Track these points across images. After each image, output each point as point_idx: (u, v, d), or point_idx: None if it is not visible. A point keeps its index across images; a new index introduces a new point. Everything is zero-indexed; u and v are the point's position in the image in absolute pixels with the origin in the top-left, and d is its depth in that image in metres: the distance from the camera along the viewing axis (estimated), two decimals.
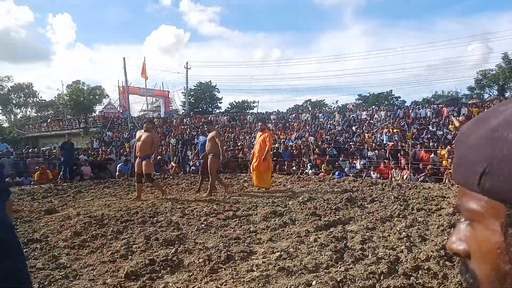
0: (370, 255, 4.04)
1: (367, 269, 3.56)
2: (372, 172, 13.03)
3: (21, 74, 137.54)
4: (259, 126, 9.96)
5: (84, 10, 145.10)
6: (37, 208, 7.49)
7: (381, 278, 3.39)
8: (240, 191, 9.47)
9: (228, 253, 4.18)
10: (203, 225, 5.59)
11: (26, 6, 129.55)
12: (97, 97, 46.85)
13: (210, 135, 8.80)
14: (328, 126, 27.77)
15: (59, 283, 3.56)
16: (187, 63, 51.58)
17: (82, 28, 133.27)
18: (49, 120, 48.92)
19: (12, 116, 59.95)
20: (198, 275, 3.66)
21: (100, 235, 5.17)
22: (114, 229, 5.43)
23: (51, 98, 60.74)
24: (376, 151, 15.09)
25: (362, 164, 13.94)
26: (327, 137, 21.21)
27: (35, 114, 59.22)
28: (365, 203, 7.28)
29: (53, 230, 5.56)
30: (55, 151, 17.57)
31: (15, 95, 59.69)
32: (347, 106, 40.88)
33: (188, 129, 31.20)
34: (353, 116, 30.12)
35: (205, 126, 9.88)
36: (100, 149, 19.42)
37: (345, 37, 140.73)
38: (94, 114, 45.70)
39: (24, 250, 4.55)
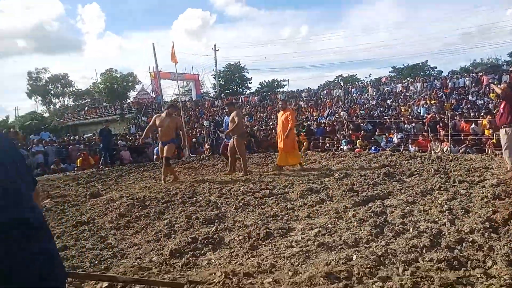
0: (411, 229, 3.98)
1: (409, 242, 3.52)
2: (410, 146, 12.72)
3: (57, 65, 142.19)
4: (280, 105, 9.91)
5: None
6: (82, 192, 7.85)
7: (424, 251, 3.35)
8: (275, 170, 9.51)
9: (267, 230, 4.25)
10: (240, 204, 5.69)
11: None
12: (130, 83, 47.99)
13: (232, 116, 8.88)
14: (362, 101, 27.20)
15: (109, 262, 3.75)
16: (215, 45, 51.73)
17: (110, 17, 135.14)
18: (86, 108, 50.62)
19: (52, 106, 62.40)
20: (239, 252, 3.75)
21: (143, 216, 5.37)
22: (156, 209, 5.63)
23: (86, 87, 62.71)
24: (414, 124, 14.68)
25: (399, 138, 13.62)
26: (361, 112, 20.79)
27: (73, 103, 61.38)
28: (404, 177, 7.14)
29: (99, 213, 5.82)
30: (94, 137, 18.24)
31: (53, 86, 61.94)
32: (381, 80, 39.72)
33: (220, 111, 31.43)
34: (387, 89, 29.30)
35: (226, 108, 10.04)
36: (137, 134, 19.92)
37: (375, 9, 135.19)
38: (129, 101, 46.86)
39: (74, 232, 4.83)
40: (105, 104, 47.43)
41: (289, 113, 9.19)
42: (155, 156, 14.61)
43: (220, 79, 54.08)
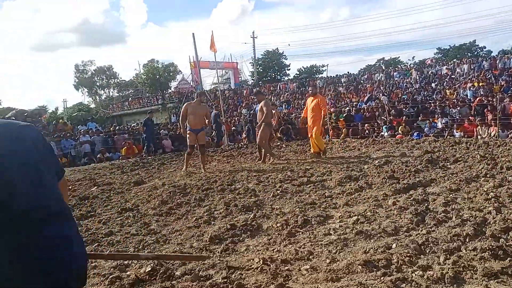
0: (454, 217, 3.85)
1: (451, 231, 3.42)
2: (455, 131, 12.20)
3: (102, 57, 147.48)
4: (310, 91, 9.78)
5: None
6: (127, 180, 8.17)
7: (467, 240, 3.24)
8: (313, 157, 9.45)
9: (304, 217, 4.26)
10: (278, 191, 5.72)
11: None
12: (171, 74, 48.91)
13: (260, 105, 8.90)
14: (405, 84, 26.26)
15: (152, 247, 3.91)
16: (253, 32, 51.51)
17: (152, 8, 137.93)
18: (130, 99, 52.28)
19: (97, 97, 64.92)
20: (277, 239, 3.79)
21: (184, 203, 5.54)
22: (197, 197, 5.78)
23: (130, 78, 64.63)
24: (459, 108, 14.03)
25: (443, 123, 13.10)
26: (404, 96, 20.09)
27: (117, 94, 63.59)
28: (448, 163, 6.89)
29: (143, 200, 6.06)
30: (138, 127, 18.86)
31: (98, 78, 64.34)
32: (425, 62, 38.11)
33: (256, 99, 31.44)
34: (432, 72, 28.06)
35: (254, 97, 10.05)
36: (178, 123, 20.37)
37: None
38: (170, 90, 47.89)
39: (119, 218, 5.06)
40: (147, 94, 48.76)
41: (320, 99, 9.00)
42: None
43: (258, 67, 53.98)
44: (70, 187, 7.83)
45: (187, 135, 8.39)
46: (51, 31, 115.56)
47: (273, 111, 9.59)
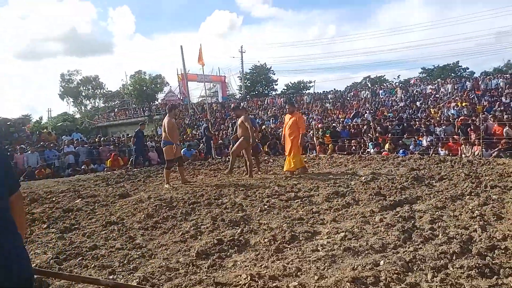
0: (440, 234, 3.89)
1: (438, 249, 3.45)
2: (440, 149, 12.41)
3: (88, 67, 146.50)
4: (287, 108, 9.56)
5: (142, 1, 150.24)
6: (112, 192, 8.05)
7: (454, 258, 3.27)
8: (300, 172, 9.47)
9: (292, 233, 4.25)
10: (266, 206, 5.70)
11: (89, 1, 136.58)
12: (158, 85, 48.85)
13: (240, 120, 8.98)
14: (390, 102, 26.71)
15: (137, 262, 3.84)
16: (241, 46, 52.08)
17: (140, 19, 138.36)
18: (116, 109, 51.87)
19: (83, 108, 64.31)
20: (264, 254, 3.76)
21: (170, 216, 5.47)
22: (183, 211, 5.72)
23: (116, 89, 64.27)
24: (444, 127, 14.31)
25: (428, 141, 13.31)
26: (389, 114, 20.42)
27: (103, 105, 63.04)
28: (433, 181, 6.98)
29: (128, 213, 5.96)
30: (123, 139, 18.68)
31: (84, 88, 63.86)
32: (410, 81, 38.90)
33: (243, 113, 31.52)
34: (417, 90, 28.66)
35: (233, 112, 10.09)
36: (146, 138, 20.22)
37: (405, 8, 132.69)
38: (157, 102, 47.72)
39: (103, 232, 4.97)
40: (134, 105, 48.48)
41: (297, 117, 8.90)
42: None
43: (246, 81, 54.34)
44: (53, 199, 7.67)
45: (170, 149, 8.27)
46: (37, 39, 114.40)
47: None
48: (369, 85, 45.81)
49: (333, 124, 18.64)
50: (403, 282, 2.89)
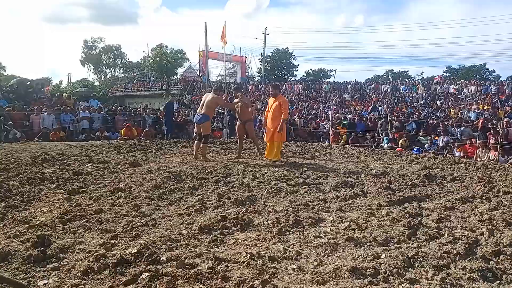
0: (446, 234, 3.83)
1: (442, 248, 3.39)
2: (455, 150, 12.16)
3: (111, 36, 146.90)
4: (271, 91, 9.27)
5: None
6: (122, 160, 8.13)
7: (457, 258, 3.21)
8: (311, 159, 9.43)
9: (296, 217, 4.23)
10: (273, 189, 5.69)
11: None
12: (178, 60, 48.76)
13: (241, 101, 9.09)
14: (410, 99, 26.25)
15: (140, 230, 3.87)
16: (265, 28, 51.36)
17: None
18: (134, 81, 52.14)
19: (103, 76, 64.73)
20: (266, 235, 3.76)
21: (177, 189, 5.50)
22: (190, 185, 5.74)
23: (137, 60, 64.44)
24: (462, 128, 14.00)
25: (445, 141, 13.06)
26: (410, 110, 20.05)
27: (123, 75, 63.39)
28: (445, 181, 6.86)
29: (136, 182, 6.01)
30: (139, 110, 18.79)
31: (105, 56, 64.08)
32: (433, 79, 38.06)
33: (263, 96, 31.37)
34: (439, 89, 28.04)
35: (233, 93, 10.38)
36: (180, 111, 20.28)
37: (437, 3, 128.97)
38: (176, 77, 47.76)
39: (110, 197, 5.02)
40: (153, 78, 48.63)
41: (281, 101, 8.54)
42: (194, 134, 14.90)
43: (266, 64, 53.90)
44: (65, 161, 7.79)
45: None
46: (63, 3, 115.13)
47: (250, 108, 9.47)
48: (391, 79, 45.03)
49: (349, 115, 18.42)
50: (403, 277, 2.86)
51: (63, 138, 13.29)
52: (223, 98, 9.17)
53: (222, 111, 17.76)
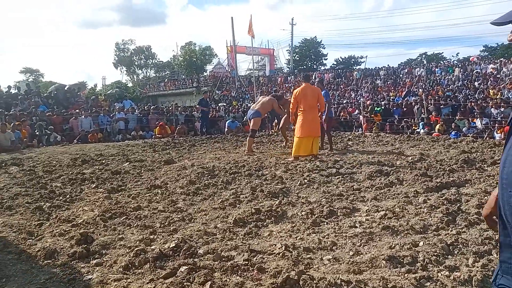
0: None
1: (483, 234, 3.28)
2: (495, 133, 11.65)
3: (141, 37, 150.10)
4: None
5: None
6: (158, 158, 8.34)
7: (498, 244, 3.10)
8: (343, 149, 9.31)
9: (330, 208, 4.21)
10: (306, 181, 5.67)
11: None
12: (207, 57, 49.25)
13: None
14: (446, 81, 25.31)
15: (177, 224, 3.98)
16: (292, 19, 51.03)
17: None
18: (165, 80, 53.10)
19: (135, 77, 66.26)
20: (301, 227, 3.77)
21: (211, 184, 5.60)
22: (224, 179, 5.83)
23: (167, 59, 65.53)
24: (502, 109, 13.37)
25: (484, 124, 12.54)
26: (447, 93, 19.34)
27: (154, 75, 64.65)
28: (485, 165, 6.60)
29: (172, 178, 6.17)
30: (171, 108, 19.17)
31: (137, 57, 65.50)
32: (470, 59, 36.49)
33: (292, 87, 31.17)
34: (476, 70, 26.85)
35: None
36: (210, 107, 20.54)
37: None
38: (205, 74, 48.27)
39: (148, 194, 5.18)
40: (183, 76, 49.36)
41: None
42: (225, 129, 15.06)
43: (294, 55, 53.44)
44: (103, 161, 8.08)
45: None
46: (94, 8, 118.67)
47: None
48: (425, 62, 43.52)
49: (383, 102, 18.00)
50: (442, 264, 2.79)
51: (100, 139, 13.78)
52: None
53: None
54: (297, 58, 54.30)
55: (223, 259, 3.02)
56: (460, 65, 29.97)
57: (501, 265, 1.27)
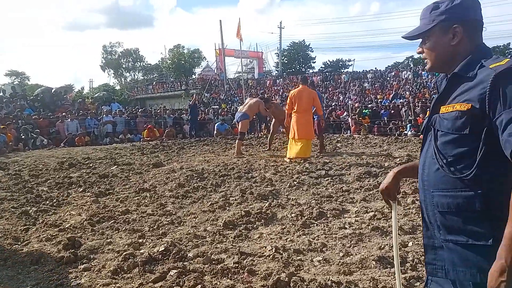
0: None
1: None
2: None
3: (129, 40, 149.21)
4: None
5: None
6: (146, 162, 8.26)
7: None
8: (333, 151, 9.35)
9: (320, 210, 4.22)
10: (295, 183, 5.67)
11: None
12: (196, 60, 49.14)
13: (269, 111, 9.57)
14: (432, 84, 25.62)
15: (166, 228, 3.94)
16: (280, 22, 51.23)
17: None
18: (154, 82, 52.78)
19: (123, 80, 65.72)
20: (290, 229, 3.76)
21: (200, 187, 5.57)
22: (213, 182, 5.80)
23: (155, 62, 65.18)
24: None
25: None
26: (434, 96, 19.57)
27: (142, 77, 64.23)
28: None
29: (160, 181, 6.12)
30: (159, 111, 19.06)
31: (125, 60, 65.01)
32: None
33: (281, 90, 31.29)
34: None
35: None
36: (199, 110, 20.47)
37: None
38: (194, 77, 48.13)
39: (136, 197, 5.13)
40: (171, 79, 49.13)
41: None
42: (215, 132, 15.03)
43: (283, 58, 53.64)
44: (91, 165, 7.98)
45: None
46: (81, 10, 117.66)
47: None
48: (412, 66, 44.03)
49: (370, 105, 18.16)
50: None
51: (88, 143, 13.62)
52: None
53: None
54: (286, 61, 54.50)
55: (213, 262, 3.00)
56: None
57: (427, 266, 1.33)
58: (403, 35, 1.49)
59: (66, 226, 3.96)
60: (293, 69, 53.69)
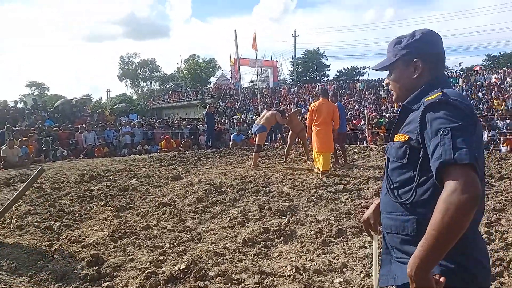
0: (497, 239, 3.69)
1: (494, 255, 3.28)
2: (501, 145, 11.62)
3: (145, 50, 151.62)
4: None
5: None
6: (165, 174, 8.36)
7: (511, 266, 3.09)
8: (350, 163, 9.32)
9: (339, 227, 4.21)
10: (313, 198, 5.68)
11: None
12: (211, 69, 49.60)
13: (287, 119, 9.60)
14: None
15: (186, 245, 4.00)
16: (295, 31, 51.38)
17: (196, 3, 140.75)
18: (170, 92, 53.42)
19: (139, 90, 66.71)
20: (310, 247, 3.77)
21: (219, 202, 5.61)
22: (231, 197, 5.84)
23: (171, 72, 66.02)
24: (508, 121, 13.36)
25: (489, 136, 12.51)
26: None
27: (159, 87, 65.08)
28: (492, 180, 6.59)
29: (179, 195, 6.19)
30: (176, 121, 19.26)
31: (141, 70, 66.07)
32: (473, 69, 36.49)
33: (296, 99, 31.27)
34: (480, 80, 26.84)
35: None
36: (215, 120, 20.61)
37: None
38: (209, 86, 48.55)
39: (156, 212, 5.20)
40: (187, 89, 49.66)
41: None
42: (231, 143, 15.11)
43: (297, 66, 53.72)
44: (111, 177, 8.12)
45: None
46: (99, 22, 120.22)
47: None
48: None
49: (388, 114, 18.01)
50: None
51: (106, 154, 13.84)
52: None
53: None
54: (300, 70, 54.57)
55: (234, 282, 3.03)
56: (463, 75, 29.97)
57: (381, 278, 1.43)
58: (372, 66, 1.66)
59: (89, 242, 4.04)
60: (307, 77, 53.72)
